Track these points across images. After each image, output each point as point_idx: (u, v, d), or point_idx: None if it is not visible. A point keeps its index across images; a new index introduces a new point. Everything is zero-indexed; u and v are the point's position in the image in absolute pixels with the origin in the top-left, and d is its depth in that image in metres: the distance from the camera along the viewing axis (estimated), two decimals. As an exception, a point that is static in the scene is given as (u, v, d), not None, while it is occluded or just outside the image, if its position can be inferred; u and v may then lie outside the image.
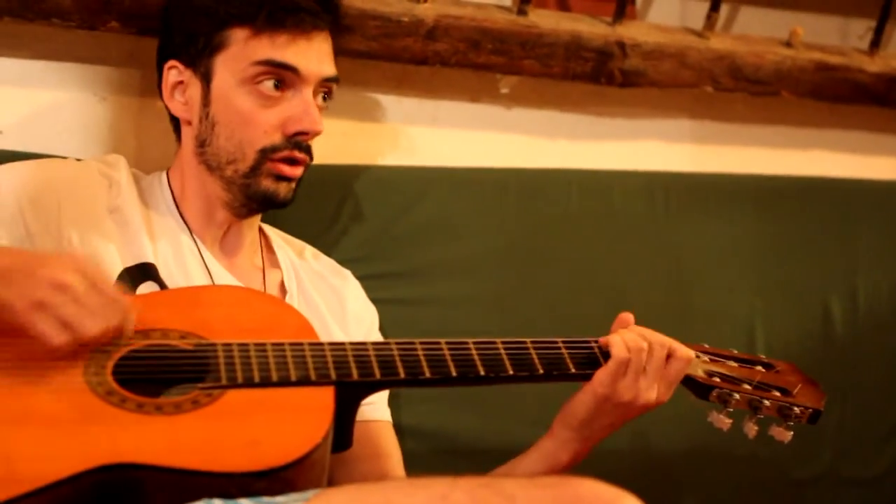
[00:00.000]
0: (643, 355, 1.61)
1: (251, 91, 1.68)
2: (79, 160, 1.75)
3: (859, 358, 2.48)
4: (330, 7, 1.74)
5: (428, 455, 2.01)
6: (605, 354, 1.62)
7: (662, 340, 1.64)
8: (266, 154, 1.69)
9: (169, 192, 1.76)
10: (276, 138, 1.69)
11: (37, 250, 1.56)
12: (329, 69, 1.73)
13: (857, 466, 2.45)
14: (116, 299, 1.44)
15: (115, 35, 1.89)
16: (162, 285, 1.64)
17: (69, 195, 1.65)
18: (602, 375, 1.60)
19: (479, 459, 1.69)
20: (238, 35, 1.68)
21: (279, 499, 1.33)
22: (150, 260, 1.66)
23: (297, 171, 1.72)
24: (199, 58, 1.70)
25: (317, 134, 1.71)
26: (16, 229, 1.60)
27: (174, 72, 1.73)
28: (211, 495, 1.32)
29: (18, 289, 1.38)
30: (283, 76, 1.68)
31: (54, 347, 1.39)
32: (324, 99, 1.75)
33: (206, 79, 1.70)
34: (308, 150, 1.72)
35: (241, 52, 1.68)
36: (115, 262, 1.63)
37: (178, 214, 1.74)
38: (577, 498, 1.27)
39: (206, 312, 1.55)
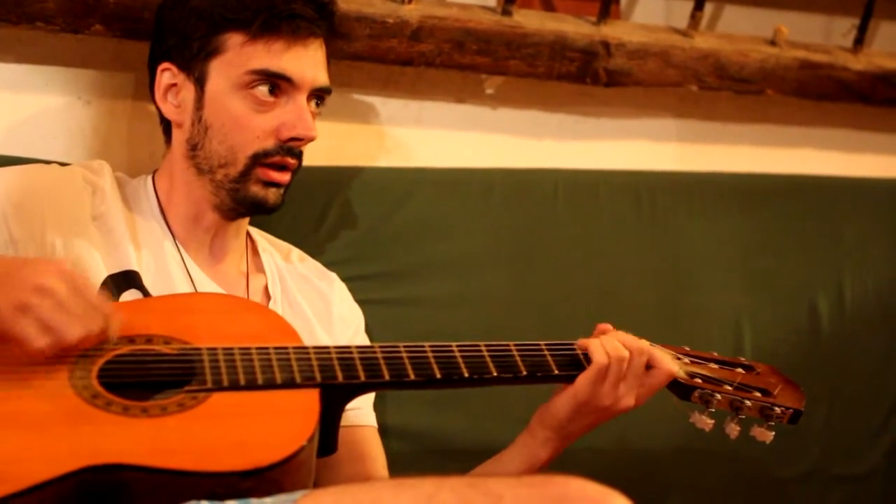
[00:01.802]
0: (623, 364, 1.61)
1: (245, 96, 1.68)
2: (63, 165, 1.75)
3: (846, 355, 2.49)
4: (326, 14, 1.73)
5: (415, 455, 2.01)
6: (588, 357, 1.62)
7: (642, 348, 1.64)
8: (257, 159, 1.69)
9: (154, 197, 1.75)
10: (269, 143, 1.69)
11: (20, 256, 1.55)
12: (322, 79, 1.73)
13: (845, 464, 2.46)
14: (99, 305, 1.43)
15: (99, 38, 1.88)
16: (145, 293, 1.64)
17: (53, 202, 1.65)
18: (583, 380, 1.61)
19: (466, 459, 1.69)
20: (233, 40, 1.68)
21: (267, 500, 1.33)
22: (134, 267, 1.66)
23: (286, 177, 1.71)
24: (194, 61, 1.69)
25: (310, 140, 1.71)
26: (-1, 236, 1.61)
27: (168, 74, 1.72)
28: (198, 496, 1.33)
29: (0, 292, 1.37)
30: (278, 83, 1.68)
31: (36, 351, 1.38)
32: (317, 105, 1.74)
33: (200, 83, 1.70)
34: (299, 156, 1.72)
35: (236, 58, 1.68)
36: (98, 270, 1.63)
37: (162, 220, 1.73)
38: (564, 497, 1.27)
39: (190, 319, 1.55)
